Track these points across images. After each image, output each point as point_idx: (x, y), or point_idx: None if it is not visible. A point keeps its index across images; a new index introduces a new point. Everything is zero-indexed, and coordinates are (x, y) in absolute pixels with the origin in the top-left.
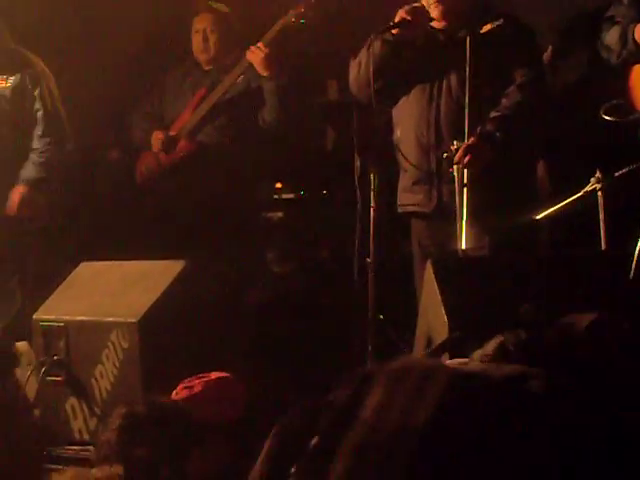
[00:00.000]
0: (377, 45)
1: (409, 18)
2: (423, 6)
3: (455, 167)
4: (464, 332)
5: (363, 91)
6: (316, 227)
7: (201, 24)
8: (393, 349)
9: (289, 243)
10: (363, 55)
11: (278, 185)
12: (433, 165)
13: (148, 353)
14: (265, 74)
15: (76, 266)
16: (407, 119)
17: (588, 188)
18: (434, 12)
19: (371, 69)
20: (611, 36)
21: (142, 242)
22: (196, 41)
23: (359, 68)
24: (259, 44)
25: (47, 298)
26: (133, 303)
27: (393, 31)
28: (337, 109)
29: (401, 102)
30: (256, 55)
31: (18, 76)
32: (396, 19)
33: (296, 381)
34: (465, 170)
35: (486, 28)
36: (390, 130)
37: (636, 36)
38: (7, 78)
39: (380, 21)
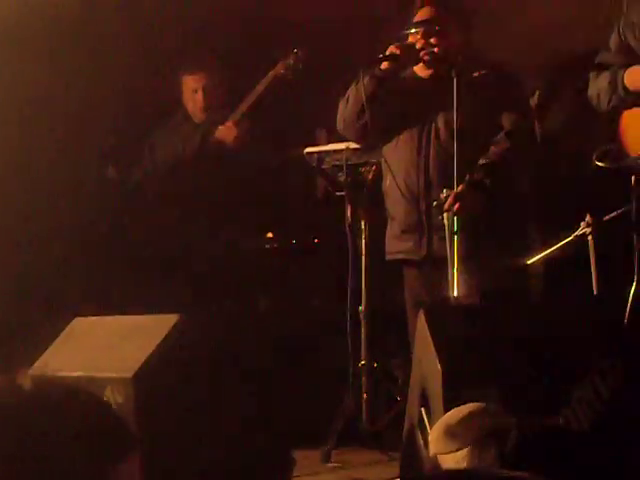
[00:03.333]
0: (365, 79)
1: (398, 52)
2: (414, 44)
3: (445, 215)
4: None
5: (350, 127)
6: (308, 276)
7: (194, 83)
8: (388, 398)
9: (281, 293)
10: (351, 90)
11: (269, 234)
12: (422, 213)
13: (143, 408)
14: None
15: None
16: (396, 167)
17: (578, 232)
18: (424, 57)
19: (359, 102)
20: (600, 82)
21: (130, 294)
22: (188, 98)
23: (346, 104)
24: (227, 123)
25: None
26: (127, 358)
27: (382, 66)
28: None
29: (390, 150)
30: (226, 134)
31: None
32: (386, 53)
33: (291, 429)
34: (455, 218)
35: (474, 74)
36: (379, 180)
37: (626, 82)
38: None
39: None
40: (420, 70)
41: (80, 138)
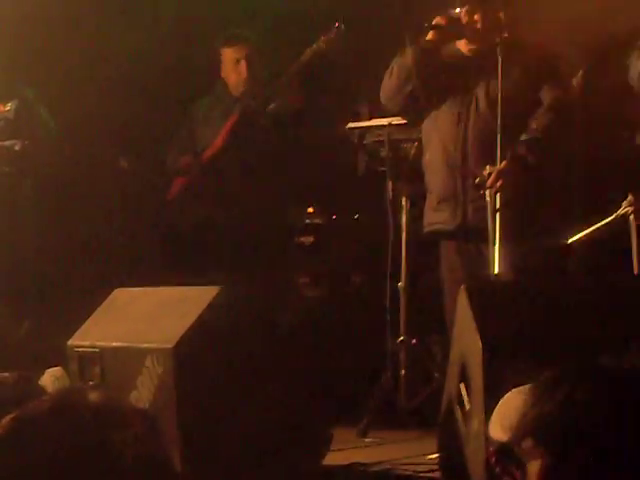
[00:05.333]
0: (409, 50)
1: (443, 23)
2: (459, 17)
3: (487, 192)
4: (500, 357)
5: (394, 98)
6: (348, 251)
7: (235, 54)
8: (426, 374)
9: (321, 268)
10: (396, 61)
11: (310, 209)
12: (459, 184)
13: (183, 379)
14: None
15: (107, 289)
16: (435, 140)
17: (620, 211)
18: (468, 33)
19: (403, 73)
20: None
21: (175, 266)
22: (230, 70)
23: (390, 75)
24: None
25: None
26: (168, 329)
27: (427, 36)
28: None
29: (429, 124)
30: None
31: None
32: (432, 23)
33: (329, 404)
34: (497, 194)
35: (516, 55)
36: (420, 155)
37: None
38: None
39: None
40: (463, 45)
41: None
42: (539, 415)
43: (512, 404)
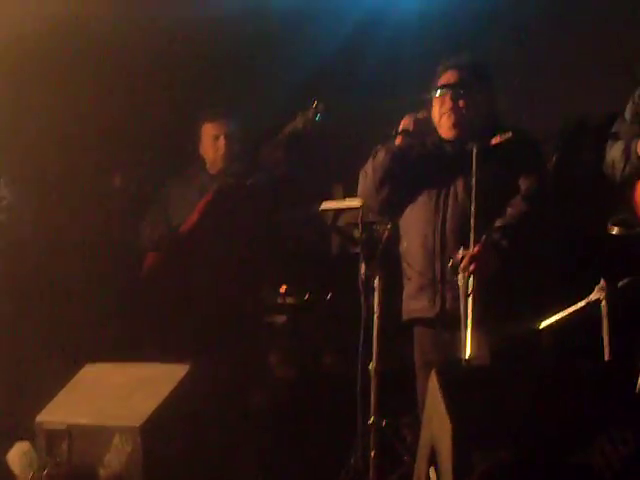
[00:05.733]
0: (381, 154)
1: (410, 128)
2: (426, 117)
3: (460, 275)
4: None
5: (370, 201)
6: (319, 332)
7: (215, 130)
8: (396, 456)
9: (293, 347)
10: (369, 165)
11: (282, 289)
12: (438, 272)
13: (151, 458)
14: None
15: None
16: (413, 227)
17: (592, 297)
18: (447, 122)
19: (377, 178)
20: (614, 152)
21: (146, 342)
22: (209, 146)
23: (365, 177)
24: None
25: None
26: (136, 407)
27: (396, 140)
28: (344, 213)
29: (408, 211)
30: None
31: None
32: (399, 128)
33: None
34: (470, 278)
35: (495, 140)
36: (396, 241)
37: (639, 151)
38: None
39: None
40: (444, 132)
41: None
42: None
43: None
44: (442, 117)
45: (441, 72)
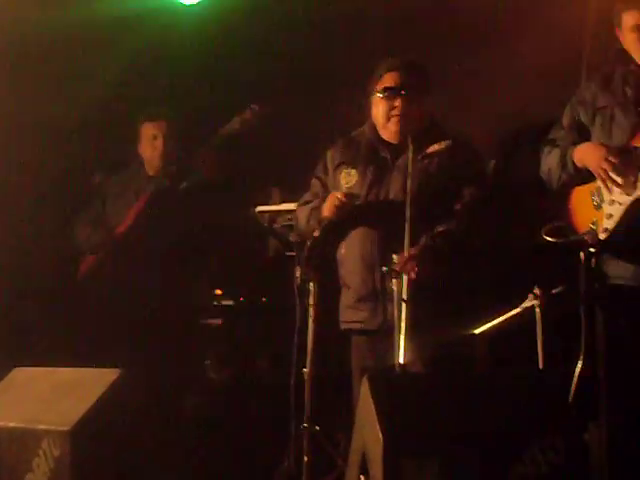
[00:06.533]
0: (312, 223)
1: (333, 216)
2: (357, 195)
3: (394, 281)
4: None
5: (307, 234)
6: (255, 335)
7: (154, 130)
8: (329, 461)
9: (228, 350)
10: (302, 215)
11: (218, 292)
12: (378, 282)
13: (79, 462)
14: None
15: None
16: (352, 237)
17: (526, 304)
18: (393, 126)
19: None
20: (551, 159)
21: (77, 345)
22: (147, 145)
23: (299, 222)
24: (203, 149)
25: None
26: (65, 411)
27: (324, 212)
28: (281, 216)
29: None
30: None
31: None
32: (325, 213)
33: None
34: (404, 284)
35: (434, 148)
36: (334, 245)
37: (575, 159)
38: None
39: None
40: (388, 135)
41: None
42: None
43: None
44: (389, 120)
45: (382, 73)
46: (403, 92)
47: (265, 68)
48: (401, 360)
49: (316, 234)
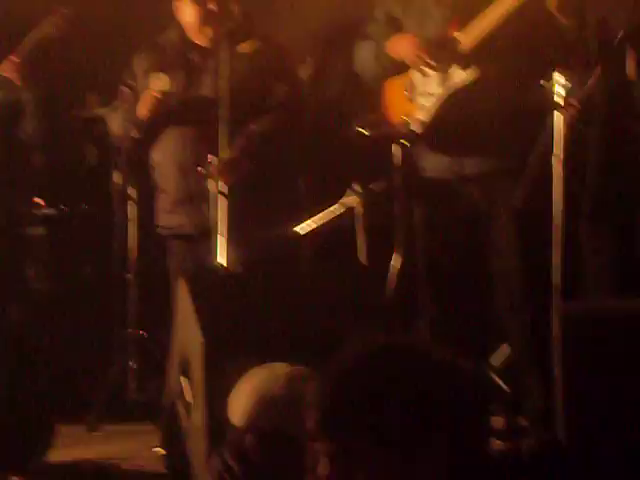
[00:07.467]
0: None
1: (148, 114)
2: (163, 92)
3: (211, 181)
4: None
5: None
6: (78, 242)
7: None
8: (156, 366)
9: (51, 259)
10: (116, 119)
11: (38, 200)
12: (193, 185)
13: None
14: (22, 85)
15: None
16: (165, 139)
17: (345, 201)
18: (204, 28)
19: None
20: (364, 52)
21: None
22: None
23: (112, 128)
24: (11, 56)
25: None
26: None
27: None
28: (98, 123)
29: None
30: (10, 67)
31: None
32: (140, 111)
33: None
34: (222, 185)
35: (244, 48)
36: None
37: (388, 50)
38: None
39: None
40: (198, 38)
41: None
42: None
43: (243, 391)
44: (197, 22)
45: None
46: None
47: None
48: (221, 261)
49: (134, 135)
